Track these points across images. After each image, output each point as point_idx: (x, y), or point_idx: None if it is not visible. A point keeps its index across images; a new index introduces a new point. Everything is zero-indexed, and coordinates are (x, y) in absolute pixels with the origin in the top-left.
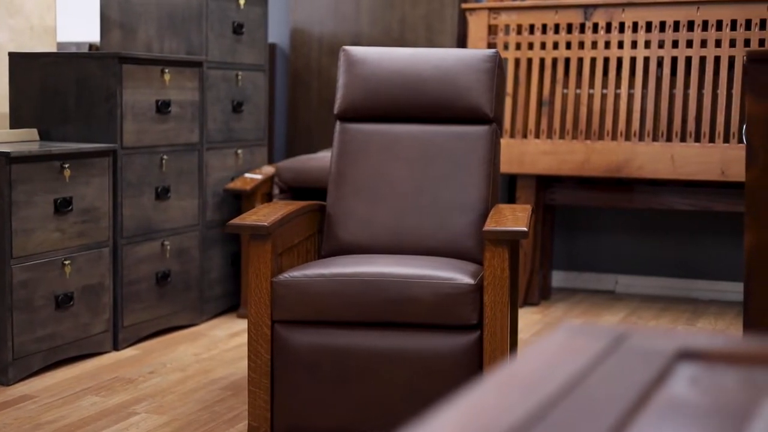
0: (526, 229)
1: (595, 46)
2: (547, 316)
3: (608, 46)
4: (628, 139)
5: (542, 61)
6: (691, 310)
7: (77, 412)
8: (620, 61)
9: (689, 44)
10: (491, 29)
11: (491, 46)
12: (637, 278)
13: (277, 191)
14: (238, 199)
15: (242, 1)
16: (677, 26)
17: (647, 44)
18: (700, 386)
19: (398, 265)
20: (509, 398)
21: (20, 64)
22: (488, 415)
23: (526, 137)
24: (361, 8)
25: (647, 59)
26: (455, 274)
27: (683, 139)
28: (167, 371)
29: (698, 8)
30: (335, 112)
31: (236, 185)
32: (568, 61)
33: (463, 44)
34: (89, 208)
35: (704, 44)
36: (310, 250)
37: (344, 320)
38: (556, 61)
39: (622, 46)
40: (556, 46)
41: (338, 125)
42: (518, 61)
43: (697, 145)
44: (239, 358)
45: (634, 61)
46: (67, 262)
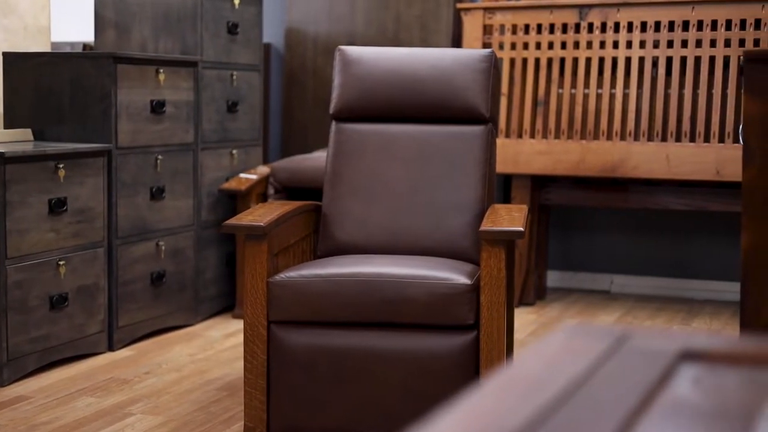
0: (522, 229)
1: (590, 46)
2: (542, 316)
3: (603, 45)
4: (623, 139)
5: (537, 60)
6: (686, 309)
7: (72, 412)
8: (615, 60)
9: (684, 44)
10: (486, 29)
11: (486, 46)
12: (632, 278)
13: (272, 191)
14: (232, 199)
15: (237, 0)
16: (672, 26)
17: (642, 44)
18: (703, 387)
19: (394, 265)
20: (511, 401)
21: (14, 63)
22: (490, 418)
23: (521, 137)
24: (355, 8)
25: (642, 59)
26: (451, 274)
27: (678, 139)
28: (163, 372)
29: (693, 8)
30: (331, 112)
31: (231, 185)
32: (563, 61)
33: (458, 44)
34: (84, 208)
35: (699, 44)
36: (305, 250)
37: (340, 320)
38: (551, 61)
39: (617, 45)
40: (551, 46)
41: (334, 125)
42: (513, 60)
43: (692, 145)
44: (235, 358)
45: (629, 60)
46: (61, 262)
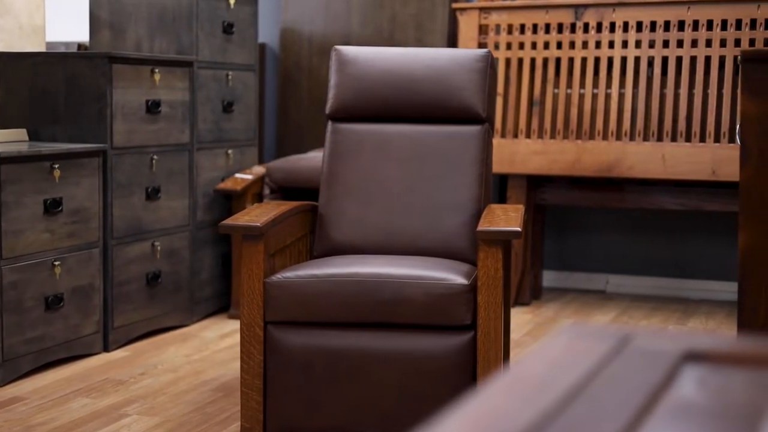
0: (519, 229)
1: (585, 45)
2: (538, 316)
3: (599, 45)
4: (618, 138)
5: (533, 60)
6: (681, 309)
7: (68, 414)
8: (611, 60)
9: (680, 44)
10: (482, 29)
11: (482, 45)
12: (627, 278)
13: (267, 191)
14: (228, 199)
15: (232, 0)
16: (668, 26)
17: (638, 44)
18: (708, 388)
19: (391, 265)
20: (516, 402)
21: (9, 63)
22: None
23: (516, 137)
24: (351, 7)
25: (638, 59)
26: (448, 274)
27: (674, 138)
28: (158, 372)
29: (689, 8)
30: (327, 112)
31: (227, 185)
32: (558, 60)
33: (453, 44)
34: (79, 208)
35: (695, 44)
36: (302, 250)
37: (337, 321)
38: (546, 60)
39: (612, 45)
40: (546, 45)
41: (330, 125)
42: (509, 60)
43: (687, 144)
44: (230, 359)
45: (624, 60)
46: (56, 263)
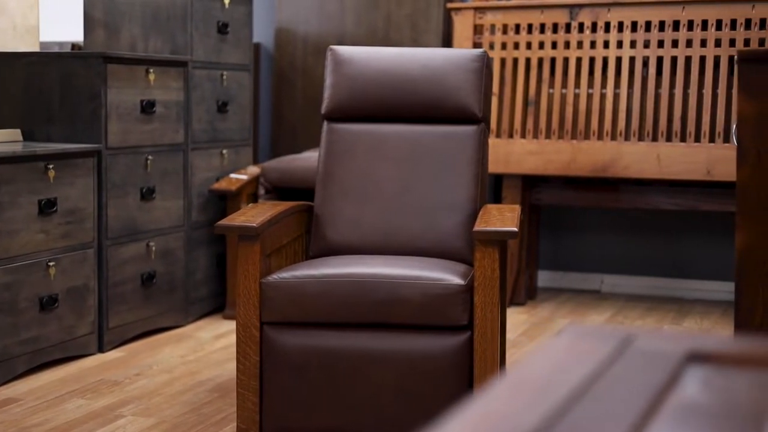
0: (516, 229)
1: (580, 45)
2: (533, 316)
3: (594, 45)
4: (614, 138)
5: (528, 60)
6: (676, 309)
7: (63, 415)
8: (606, 60)
9: (675, 44)
10: (477, 29)
11: (477, 45)
12: (622, 278)
13: (262, 191)
14: (223, 199)
15: (227, 0)
16: (663, 26)
17: (633, 44)
18: (712, 389)
19: (388, 265)
20: (521, 404)
21: (3, 63)
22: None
23: (512, 137)
24: (345, 7)
25: (633, 59)
26: (445, 274)
27: (669, 138)
28: (153, 373)
29: (684, 8)
30: (323, 112)
31: (221, 186)
32: (553, 60)
33: (448, 44)
34: (74, 209)
35: (690, 44)
36: (298, 251)
37: (333, 321)
38: (541, 60)
39: (607, 45)
40: (541, 45)
41: (326, 125)
42: (504, 60)
43: (682, 144)
44: (226, 359)
45: (619, 60)
46: (51, 263)
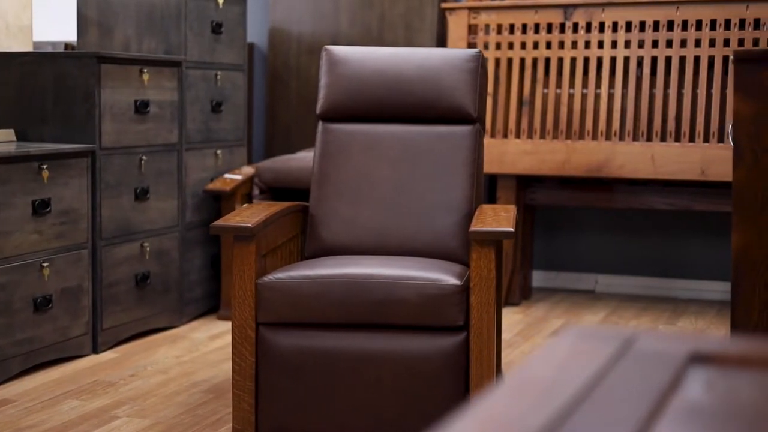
0: (512, 229)
1: (575, 45)
2: (528, 316)
3: (588, 45)
4: (608, 138)
5: (522, 60)
6: (671, 309)
7: (58, 416)
8: (600, 60)
9: (669, 44)
10: (471, 29)
11: (471, 45)
12: (617, 278)
13: (256, 192)
14: (217, 200)
15: (221, 0)
16: (657, 26)
17: (627, 44)
18: (716, 390)
19: (383, 266)
20: (525, 405)
21: None
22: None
23: (506, 137)
24: (339, 7)
25: (627, 59)
26: (441, 275)
27: (663, 138)
28: (148, 374)
29: (678, 8)
30: (318, 112)
31: (216, 186)
32: (548, 60)
33: (442, 44)
34: (68, 209)
35: (684, 44)
36: (293, 251)
37: (329, 322)
38: (536, 60)
39: (602, 45)
40: (536, 45)
41: (320, 125)
42: (498, 60)
43: (677, 144)
44: (221, 360)
45: (614, 60)
46: (45, 264)
